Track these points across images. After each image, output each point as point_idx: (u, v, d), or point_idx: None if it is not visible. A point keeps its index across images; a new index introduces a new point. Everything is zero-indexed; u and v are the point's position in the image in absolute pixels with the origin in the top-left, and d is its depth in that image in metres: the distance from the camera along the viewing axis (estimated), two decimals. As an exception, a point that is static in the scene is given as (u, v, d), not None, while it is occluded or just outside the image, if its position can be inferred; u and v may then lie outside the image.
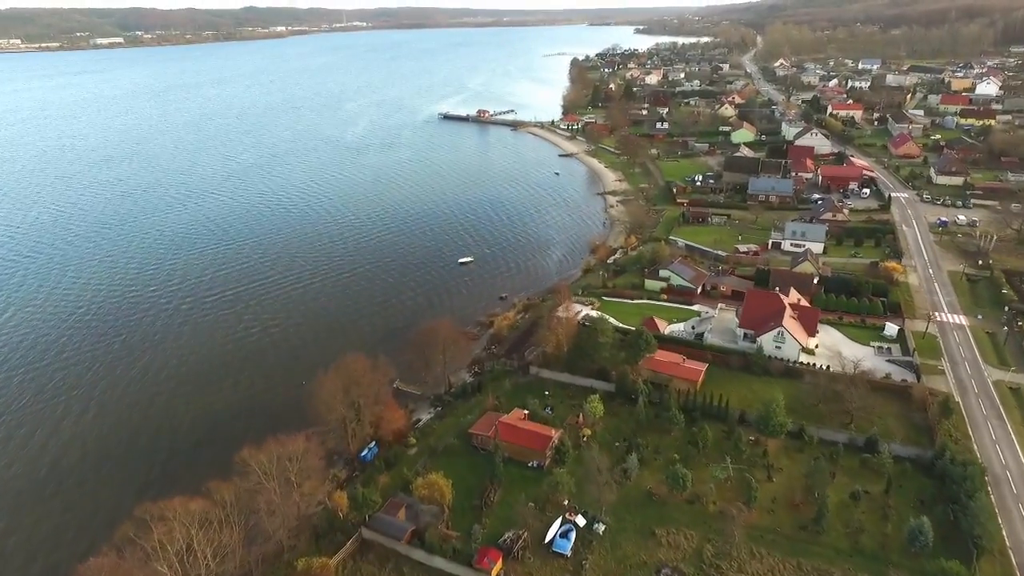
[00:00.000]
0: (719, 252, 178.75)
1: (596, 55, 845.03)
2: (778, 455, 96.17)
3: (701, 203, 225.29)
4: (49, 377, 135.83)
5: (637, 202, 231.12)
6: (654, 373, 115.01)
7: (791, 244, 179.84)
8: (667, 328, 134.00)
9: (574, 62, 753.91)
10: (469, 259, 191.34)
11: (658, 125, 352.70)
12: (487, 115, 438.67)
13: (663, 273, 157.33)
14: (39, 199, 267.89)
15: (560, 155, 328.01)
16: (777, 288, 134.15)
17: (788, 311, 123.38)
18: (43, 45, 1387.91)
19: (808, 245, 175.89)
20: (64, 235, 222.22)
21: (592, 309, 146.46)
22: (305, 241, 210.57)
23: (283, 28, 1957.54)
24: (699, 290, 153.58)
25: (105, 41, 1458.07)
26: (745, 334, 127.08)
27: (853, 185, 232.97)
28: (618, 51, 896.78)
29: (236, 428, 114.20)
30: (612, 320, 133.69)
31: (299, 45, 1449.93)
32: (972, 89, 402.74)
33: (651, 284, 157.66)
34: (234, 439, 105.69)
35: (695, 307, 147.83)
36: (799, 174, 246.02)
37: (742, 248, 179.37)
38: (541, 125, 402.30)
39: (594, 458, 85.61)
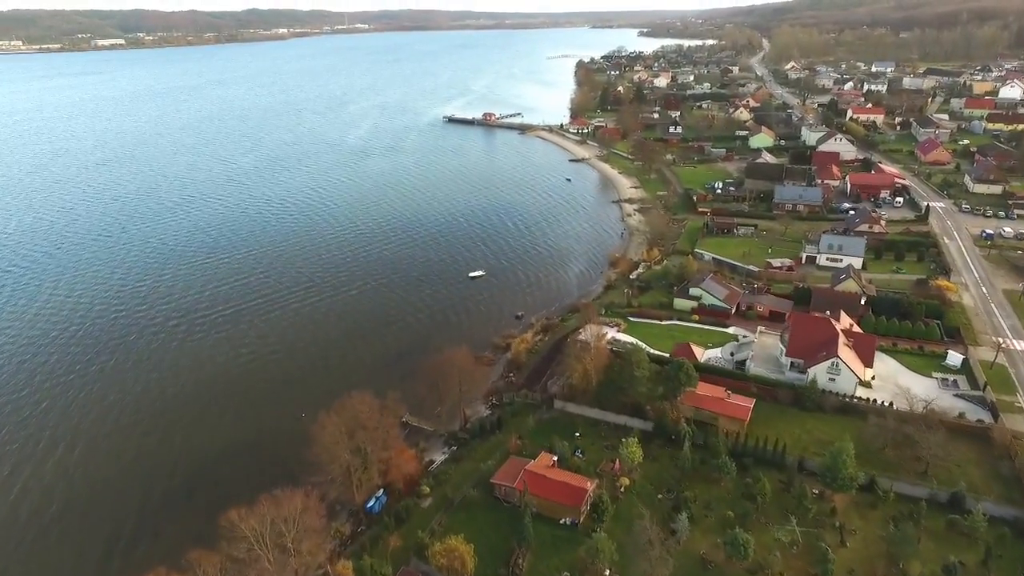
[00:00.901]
0: (750, 267, 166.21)
1: (601, 57, 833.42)
2: (848, 513, 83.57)
3: (724, 212, 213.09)
4: (33, 407, 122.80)
5: (656, 211, 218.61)
6: (696, 410, 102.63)
7: (827, 259, 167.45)
8: (703, 355, 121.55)
9: (580, 64, 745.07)
10: (480, 273, 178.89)
11: (671, 129, 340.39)
12: (493, 118, 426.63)
13: (694, 291, 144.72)
14: (27, 205, 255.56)
15: (571, 160, 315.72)
16: (828, 312, 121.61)
17: (841, 338, 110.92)
18: (44, 46, 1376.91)
19: (846, 260, 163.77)
20: (52, 245, 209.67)
21: (618, 331, 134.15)
22: (306, 253, 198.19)
23: (285, 30, 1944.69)
24: (733, 310, 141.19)
25: (106, 42, 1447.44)
26: (792, 363, 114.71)
27: (885, 194, 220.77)
28: (623, 53, 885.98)
29: (233, 472, 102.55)
30: (645, 346, 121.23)
31: (301, 47, 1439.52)
32: (995, 93, 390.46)
33: (680, 303, 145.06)
34: (228, 486, 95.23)
35: (730, 329, 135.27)
36: (825, 182, 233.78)
37: (775, 263, 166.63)
38: (550, 129, 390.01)
39: (646, 528, 72.84)
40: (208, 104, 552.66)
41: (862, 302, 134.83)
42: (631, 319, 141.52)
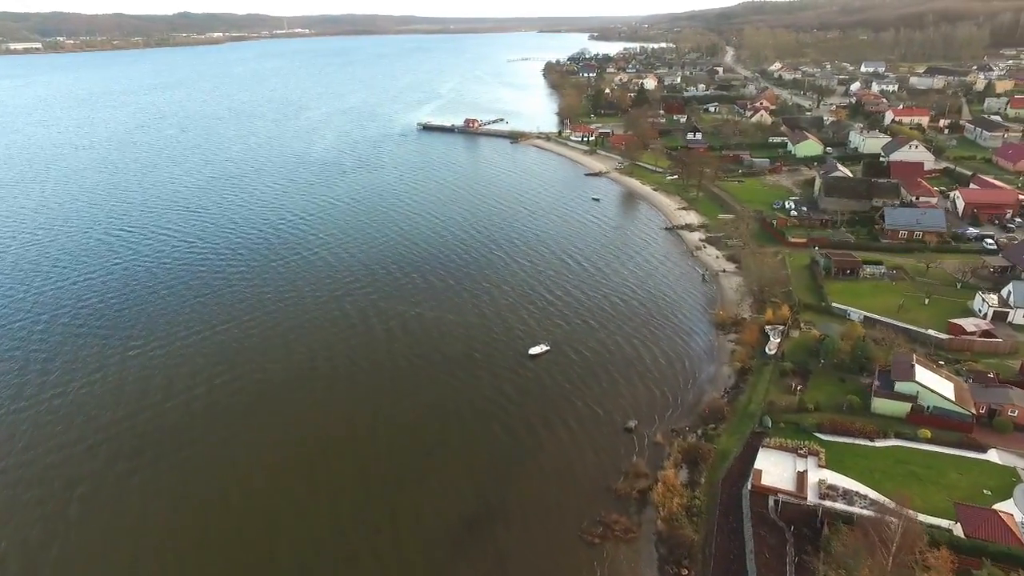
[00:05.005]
0: (930, 332, 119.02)
1: (568, 59, 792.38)
2: None
3: (826, 242, 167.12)
4: None
5: (742, 243, 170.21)
6: None
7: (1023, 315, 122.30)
8: (1017, 523, 72.36)
9: (549, 66, 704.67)
10: (544, 348, 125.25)
11: (690, 136, 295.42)
12: (476, 125, 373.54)
13: (903, 387, 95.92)
14: None
15: (587, 174, 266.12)
16: None
17: None
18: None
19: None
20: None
21: (815, 462, 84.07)
22: (283, 325, 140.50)
23: (220, 34, 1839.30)
24: (973, 418, 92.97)
25: (19, 46, 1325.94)
26: None
27: (1009, 213, 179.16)
28: (588, 55, 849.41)
29: None
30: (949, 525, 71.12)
31: (239, 50, 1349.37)
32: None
33: (884, 406, 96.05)
34: None
35: (992, 456, 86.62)
36: (921, 198, 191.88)
37: (967, 325, 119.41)
38: (546, 136, 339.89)
39: None
40: (140, 112, 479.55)
41: None
42: (819, 436, 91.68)
